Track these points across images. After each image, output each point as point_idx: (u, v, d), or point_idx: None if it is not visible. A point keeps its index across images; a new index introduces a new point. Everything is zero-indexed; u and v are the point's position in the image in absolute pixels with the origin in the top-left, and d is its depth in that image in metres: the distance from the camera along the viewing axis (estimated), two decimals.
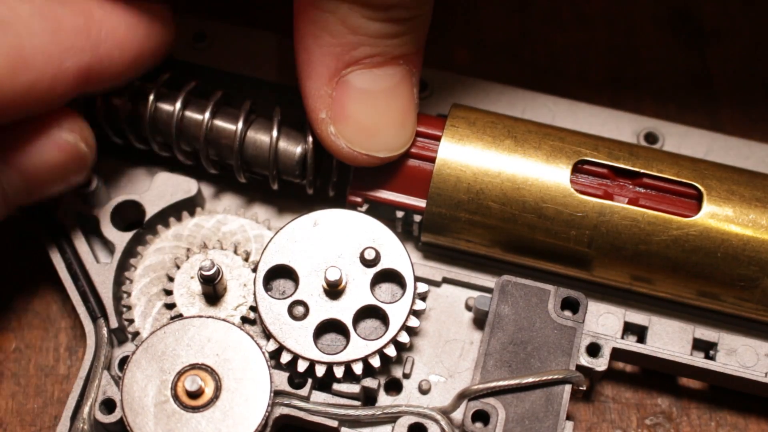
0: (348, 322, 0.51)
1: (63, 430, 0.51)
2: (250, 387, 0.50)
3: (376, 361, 0.51)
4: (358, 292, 0.52)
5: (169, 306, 0.54)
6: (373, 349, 0.51)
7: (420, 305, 0.52)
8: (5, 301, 0.59)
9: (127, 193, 0.56)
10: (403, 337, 0.52)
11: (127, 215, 0.56)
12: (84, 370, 0.52)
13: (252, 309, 0.53)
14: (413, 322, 0.52)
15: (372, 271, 0.52)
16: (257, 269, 0.52)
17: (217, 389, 0.50)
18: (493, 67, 0.67)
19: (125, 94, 0.54)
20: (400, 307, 0.52)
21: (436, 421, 0.51)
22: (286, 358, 0.51)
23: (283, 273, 0.53)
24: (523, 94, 0.60)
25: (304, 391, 0.51)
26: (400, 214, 0.55)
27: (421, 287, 0.53)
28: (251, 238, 0.56)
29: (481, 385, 0.50)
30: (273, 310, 0.52)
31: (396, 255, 0.52)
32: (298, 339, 0.51)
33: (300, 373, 0.51)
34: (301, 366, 0.51)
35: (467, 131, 0.54)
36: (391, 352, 0.51)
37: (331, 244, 0.53)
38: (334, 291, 0.52)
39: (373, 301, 0.52)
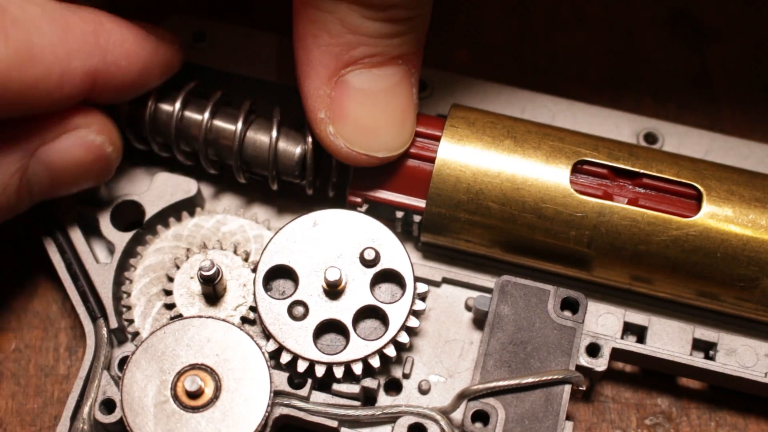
0: (348, 322, 0.51)
1: (63, 430, 0.51)
2: (250, 387, 0.50)
3: (375, 362, 0.51)
4: (358, 293, 0.52)
5: (169, 306, 0.54)
6: (373, 349, 0.51)
7: (420, 305, 0.52)
8: (5, 301, 0.59)
9: (126, 193, 0.56)
10: (403, 337, 0.52)
11: (126, 215, 0.56)
12: (84, 370, 0.52)
13: (252, 309, 0.53)
14: (413, 323, 0.52)
15: (372, 271, 0.52)
16: (257, 269, 0.52)
17: (217, 389, 0.50)
18: (493, 67, 0.67)
19: None
20: (399, 308, 0.52)
21: (435, 421, 0.51)
22: (285, 358, 0.51)
23: (282, 273, 0.53)
24: (522, 94, 0.60)
25: (303, 392, 0.51)
26: (399, 214, 0.55)
27: (421, 287, 0.53)
28: (251, 239, 0.56)
29: (480, 386, 0.50)
30: (273, 311, 0.52)
31: (396, 255, 0.52)
32: (298, 339, 0.51)
33: (300, 373, 0.51)
34: (301, 366, 0.51)
35: (467, 131, 0.54)
36: (390, 352, 0.51)
37: (330, 244, 0.53)
38: (333, 291, 0.52)
39: (372, 301, 0.52)
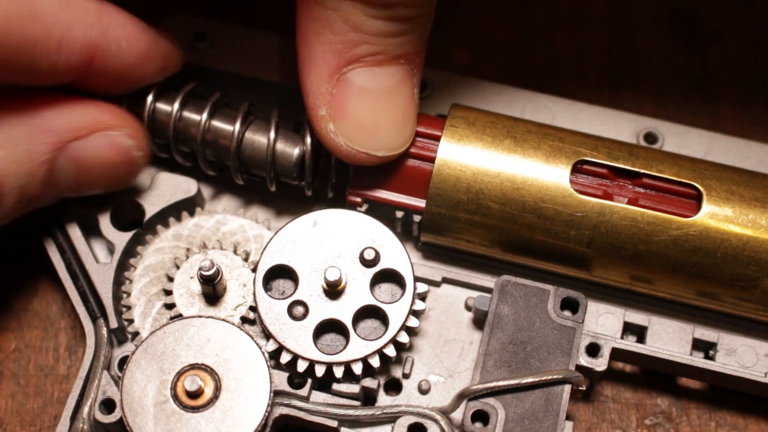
0: (348, 322, 0.51)
1: (63, 430, 0.51)
2: (250, 387, 0.50)
3: (375, 361, 0.51)
4: (358, 292, 0.52)
5: (169, 306, 0.54)
6: (373, 349, 0.51)
7: (420, 305, 0.52)
8: (5, 301, 0.59)
9: (126, 193, 0.56)
10: (403, 337, 0.52)
11: (126, 215, 0.56)
12: (84, 370, 0.52)
13: (252, 309, 0.53)
14: (413, 322, 0.52)
15: (372, 271, 0.52)
16: (257, 269, 0.52)
17: (217, 389, 0.50)
18: (493, 67, 0.67)
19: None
20: (399, 307, 0.52)
21: (435, 421, 0.51)
22: (285, 358, 0.51)
23: (282, 273, 0.53)
24: (522, 94, 0.60)
25: (303, 391, 0.51)
26: (399, 214, 0.55)
27: (421, 287, 0.53)
28: (251, 238, 0.56)
29: (480, 385, 0.50)
30: (273, 310, 0.52)
31: (396, 255, 0.52)
32: (298, 339, 0.51)
33: (300, 373, 0.51)
34: (301, 366, 0.51)
35: (467, 131, 0.54)
36: (390, 352, 0.51)
37: (330, 244, 0.53)
38: (333, 291, 0.52)
39: (372, 301, 0.52)
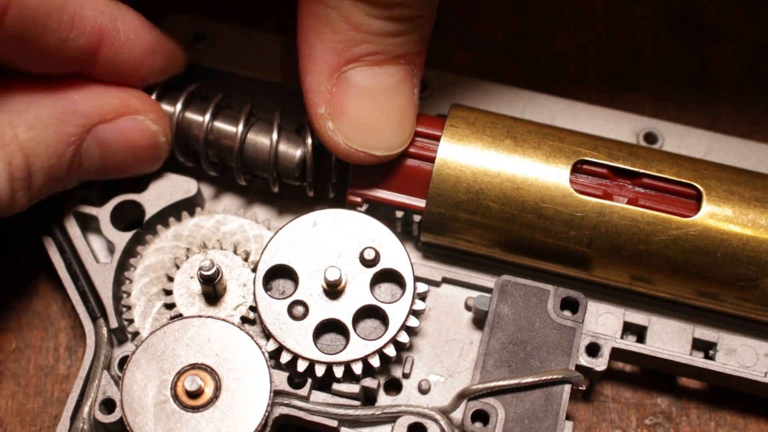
0: (348, 322, 0.51)
1: (63, 430, 0.51)
2: (250, 387, 0.50)
3: (375, 361, 0.51)
4: (358, 292, 0.52)
5: (169, 306, 0.54)
6: (373, 349, 0.51)
7: (419, 305, 0.52)
8: (5, 301, 0.59)
9: (126, 193, 0.56)
10: (403, 337, 0.52)
11: (126, 215, 0.56)
12: (84, 370, 0.52)
13: (252, 309, 0.53)
14: (413, 322, 0.52)
15: (372, 271, 0.52)
16: (257, 269, 0.52)
17: (217, 389, 0.50)
18: (493, 67, 0.67)
19: None
20: (399, 307, 0.52)
21: (435, 420, 0.51)
22: (285, 358, 0.51)
23: (282, 273, 0.53)
24: (522, 94, 0.60)
25: (303, 391, 0.51)
26: (399, 214, 0.55)
27: (421, 287, 0.53)
28: (251, 238, 0.56)
29: (480, 385, 0.50)
30: (273, 310, 0.52)
31: (396, 255, 0.52)
32: (298, 339, 0.51)
33: (300, 372, 0.51)
34: (301, 366, 0.51)
35: (467, 131, 0.54)
36: (390, 352, 0.51)
37: (330, 244, 0.53)
38: (333, 291, 0.52)
39: (372, 301, 0.52)
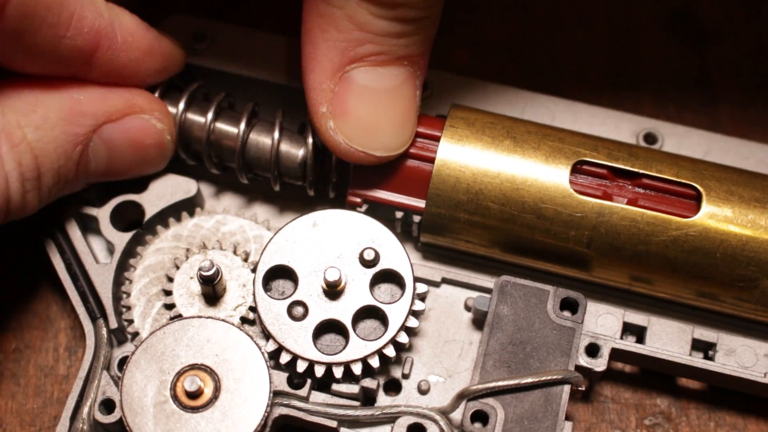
0: (347, 322, 0.51)
1: (63, 431, 0.51)
2: (250, 387, 0.50)
3: (375, 362, 0.51)
4: (358, 293, 0.52)
5: (169, 306, 0.54)
6: (373, 349, 0.51)
7: (419, 305, 0.52)
8: (5, 301, 0.59)
9: (126, 193, 0.56)
10: (403, 337, 0.52)
11: (126, 215, 0.56)
12: (83, 370, 0.52)
13: (251, 309, 0.53)
14: (412, 323, 0.52)
15: (371, 271, 0.52)
16: (256, 269, 0.52)
17: (217, 389, 0.50)
18: (493, 67, 0.67)
19: None
20: (399, 308, 0.52)
21: (435, 421, 0.51)
22: (285, 358, 0.51)
23: (282, 273, 0.53)
24: (522, 94, 0.60)
25: (303, 392, 0.51)
26: (399, 214, 0.55)
27: (421, 287, 0.53)
28: (251, 239, 0.56)
29: (480, 386, 0.50)
30: (272, 311, 0.52)
31: (395, 255, 0.52)
32: (298, 339, 0.51)
33: (299, 373, 0.51)
34: (301, 366, 0.51)
35: (466, 132, 0.54)
36: (390, 352, 0.51)
37: (330, 244, 0.53)
38: (333, 291, 0.52)
39: (372, 301, 0.52)
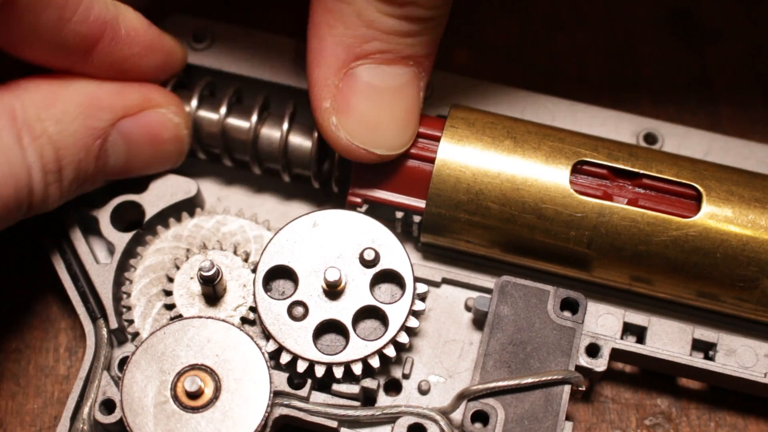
0: (347, 322, 0.51)
1: (63, 431, 0.51)
2: (250, 387, 0.50)
3: (375, 362, 0.51)
4: (358, 293, 0.52)
5: (169, 306, 0.54)
6: (373, 349, 0.51)
7: (419, 306, 0.52)
8: (5, 301, 0.59)
9: (126, 193, 0.56)
10: (403, 337, 0.52)
11: (126, 216, 0.56)
12: (84, 370, 0.52)
13: (251, 309, 0.53)
14: (413, 323, 0.52)
15: (371, 271, 0.52)
16: (257, 270, 0.52)
17: (217, 390, 0.50)
18: (493, 68, 0.67)
19: None
20: (399, 308, 0.52)
21: (435, 421, 0.51)
22: (285, 358, 0.51)
23: (282, 273, 0.53)
24: (522, 94, 0.60)
25: (303, 392, 0.51)
26: (399, 214, 0.55)
27: (421, 288, 0.53)
28: (251, 239, 0.56)
29: (480, 386, 0.50)
30: (272, 311, 0.52)
31: (395, 255, 0.52)
32: (298, 339, 0.51)
33: (299, 373, 0.51)
34: (301, 366, 0.51)
35: (467, 132, 0.54)
36: (390, 352, 0.51)
37: (330, 244, 0.53)
38: (333, 291, 0.52)
39: (372, 301, 0.52)
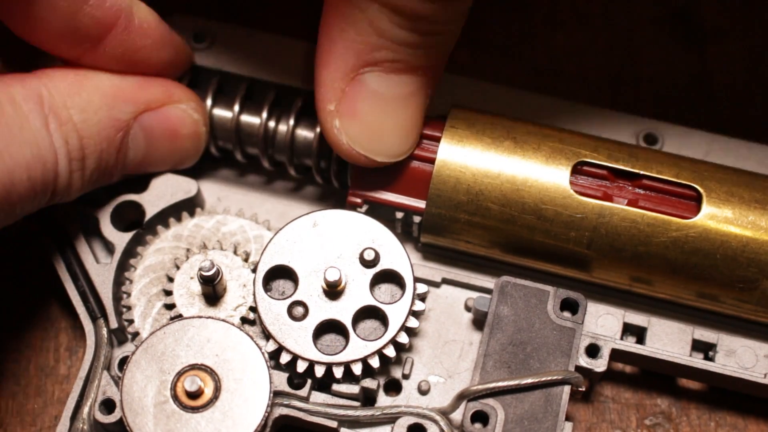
0: (347, 322, 0.51)
1: (63, 430, 0.51)
2: (250, 387, 0.50)
3: (375, 362, 0.51)
4: (358, 293, 0.52)
5: (169, 306, 0.54)
6: (373, 349, 0.51)
7: (419, 306, 0.52)
8: (5, 301, 0.59)
9: (126, 193, 0.56)
10: (403, 337, 0.52)
11: (126, 215, 0.56)
12: (84, 370, 0.52)
13: (251, 309, 0.53)
14: (412, 323, 0.52)
15: (371, 271, 0.52)
16: (257, 270, 0.52)
17: (217, 390, 0.50)
18: (493, 68, 0.67)
19: None
20: (399, 308, 0.52)
21: (435, 421, 0.51)
22: (285, 358, 0.51)
23: (282, 273, 0.53)
24: (523, 94, 0.60)
25: (303, 392, 0.51)
26: (399, 214, 0.55)
27: (421, 288, 0.53)
28: (251, 239, 0.56)
29: (480, 386, 0.50)
30: (272, 311, 0.52)
31: (395, 256, 0.52)
32: (298, 339, 0.51)
33: (299, 373, 0.51)
34: (301, 366, 0.51)
35: (467, 132, 0.54)
36: (390, 352, 0.51)
37: (330, 244, 0.53)
38: (333, 291, 0.52)
39: (372, 301, 0.52)
